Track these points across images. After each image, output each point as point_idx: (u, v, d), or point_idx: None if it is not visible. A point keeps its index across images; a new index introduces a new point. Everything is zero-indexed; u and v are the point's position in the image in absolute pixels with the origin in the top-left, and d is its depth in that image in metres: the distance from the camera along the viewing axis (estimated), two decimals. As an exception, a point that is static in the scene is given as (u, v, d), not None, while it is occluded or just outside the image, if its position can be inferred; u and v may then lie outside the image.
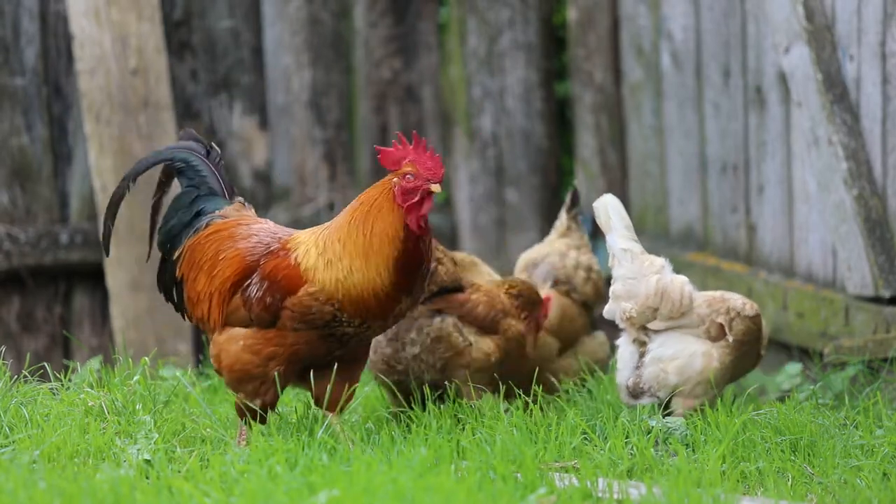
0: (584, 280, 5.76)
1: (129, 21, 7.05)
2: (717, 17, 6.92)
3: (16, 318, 7.10)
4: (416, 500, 3.96)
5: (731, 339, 5.14)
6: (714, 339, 5.15)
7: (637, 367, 5.16)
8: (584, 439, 4.70)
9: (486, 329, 5.21)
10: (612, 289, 5.16)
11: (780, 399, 5.88)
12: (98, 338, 7.19)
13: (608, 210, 5.18)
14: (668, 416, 5.03)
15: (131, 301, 7.04)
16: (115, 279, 7.03)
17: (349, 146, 7.56)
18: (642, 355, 5.16)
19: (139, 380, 5.12)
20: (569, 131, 7.76)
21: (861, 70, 6.07)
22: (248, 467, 4.27)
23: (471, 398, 5.10)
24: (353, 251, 4.62)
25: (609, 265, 5.18)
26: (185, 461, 4.52)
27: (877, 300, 6.06)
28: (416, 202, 4.63)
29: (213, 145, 4.95)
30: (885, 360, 5.91)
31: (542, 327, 5.42)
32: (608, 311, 5.19)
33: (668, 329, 5.14)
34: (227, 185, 4.93)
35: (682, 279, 5.17)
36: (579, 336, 5.73)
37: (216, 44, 7.34)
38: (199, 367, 6.58)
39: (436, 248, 5.15)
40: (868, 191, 6.06)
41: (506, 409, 5.17)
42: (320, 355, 4.71)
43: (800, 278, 6.54)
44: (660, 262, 5.17)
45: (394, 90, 7.61)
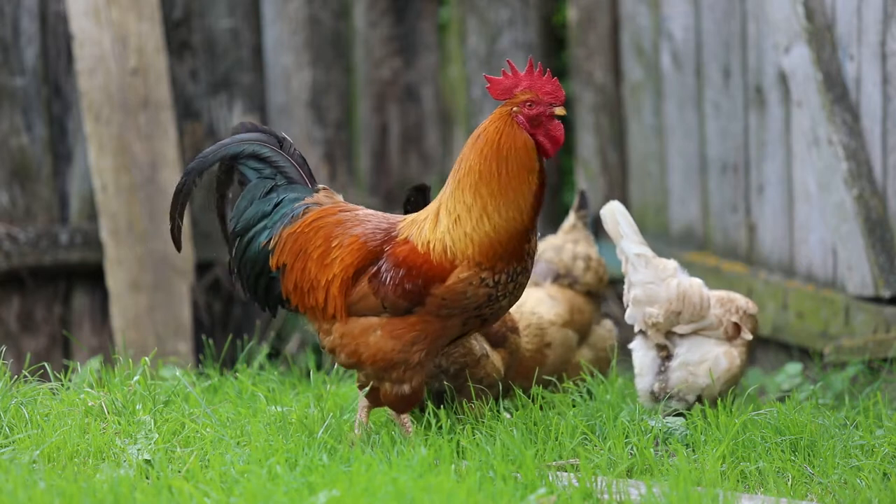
0: (583, 269, 5.75)
1: (129, 21, 7.04)
2: (717, 17, 6.92)
3: (16, 318, 7.10)
4: (416, 500, 3.96)
5: (749, 337, 5.15)
6: (730, 339, 5.15)
7: (661, 372, 5.14)
8: (584, 439, 4.70)
9: (495, 343, 5.20)
10: (632, 294, 5.13)
11: (781, 399, 5.88)
12: (98, 338, 7.18)
13: (616, 216, 5.16)
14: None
15: (131, 301, 7.04)
16: (115, 279, 7.03)
17: (349, 146, 7.56)
18: (664, 360, 5.15)
19: (139, 380, 5.11)
20: (569, 131, 7.75)
21: (861, 70, 6.07)
22: (248, 467, 4.26)
23: (481, 411, 5.06)
24: (488, 193, 4.52)
25: (623, 271, 5.16)
26: (185, 461, 4.52)
27: (877, 300, 6.06)
28: (547, 127, 4.54)
29: (285, 136, 4.80)
30: (885, 360, 5.91)
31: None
32: (629, 316, 5.17)
33: (693, 333, 5.14)
34: (308, 174, 4.78)
35: (698, 282, 5.16)
36: (590, 326, 5.72)
37: (216, 43, 7.33)
38: (200, 366, 6.57)
39: None
40: (868, 191, 6.06)
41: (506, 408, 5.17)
42: (455, 336, 4.66)
43: (800, 278, 6.54)
44: (672, 265, 5.17)
45: (394, 90, 7.61)
